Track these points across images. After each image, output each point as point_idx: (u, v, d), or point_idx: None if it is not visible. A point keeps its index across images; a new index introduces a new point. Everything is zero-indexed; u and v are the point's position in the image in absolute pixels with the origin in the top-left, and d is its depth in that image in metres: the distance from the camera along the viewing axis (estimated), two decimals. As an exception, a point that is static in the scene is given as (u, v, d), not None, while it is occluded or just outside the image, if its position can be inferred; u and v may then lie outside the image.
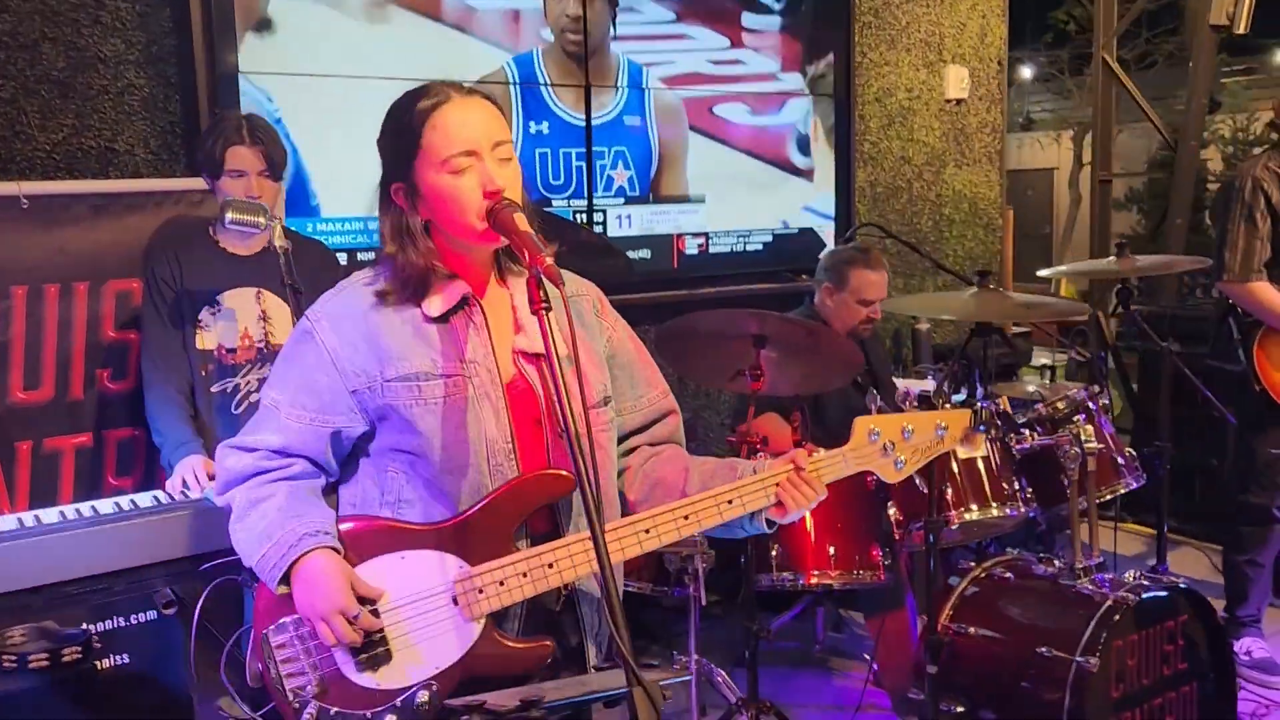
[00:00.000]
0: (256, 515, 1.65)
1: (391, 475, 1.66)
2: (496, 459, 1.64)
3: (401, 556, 1.61)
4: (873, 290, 3.38)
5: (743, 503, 1.66)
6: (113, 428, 2.99)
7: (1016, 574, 2.80)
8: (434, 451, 1.63)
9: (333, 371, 1.65)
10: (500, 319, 1.71)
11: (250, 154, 2.61)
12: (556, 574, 1.60)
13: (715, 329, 2.72)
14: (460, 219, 1.61)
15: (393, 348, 1.64)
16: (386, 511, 1.66)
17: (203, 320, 2.68)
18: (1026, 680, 2.58)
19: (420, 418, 1.63)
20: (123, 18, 3.24)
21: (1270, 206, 3.30)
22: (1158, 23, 13.71)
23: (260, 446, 1.69)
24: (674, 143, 4.26)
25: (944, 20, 5.07)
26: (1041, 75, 15.68)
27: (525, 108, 3.90)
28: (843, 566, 2.86)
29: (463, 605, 1.59)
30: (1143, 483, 3.05)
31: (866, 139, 4.87)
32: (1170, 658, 2.66)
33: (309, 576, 1.58)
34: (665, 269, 4.26)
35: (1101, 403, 2.96)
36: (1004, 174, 5.40)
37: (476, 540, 1.60)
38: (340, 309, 1.68)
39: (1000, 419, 2.82)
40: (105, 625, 2.55)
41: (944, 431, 1.79)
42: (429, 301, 1.66)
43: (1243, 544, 3.52)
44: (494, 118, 1.64)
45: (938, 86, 5.08)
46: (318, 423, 1.66)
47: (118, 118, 3.26)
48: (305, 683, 1.59)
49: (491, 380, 1.66)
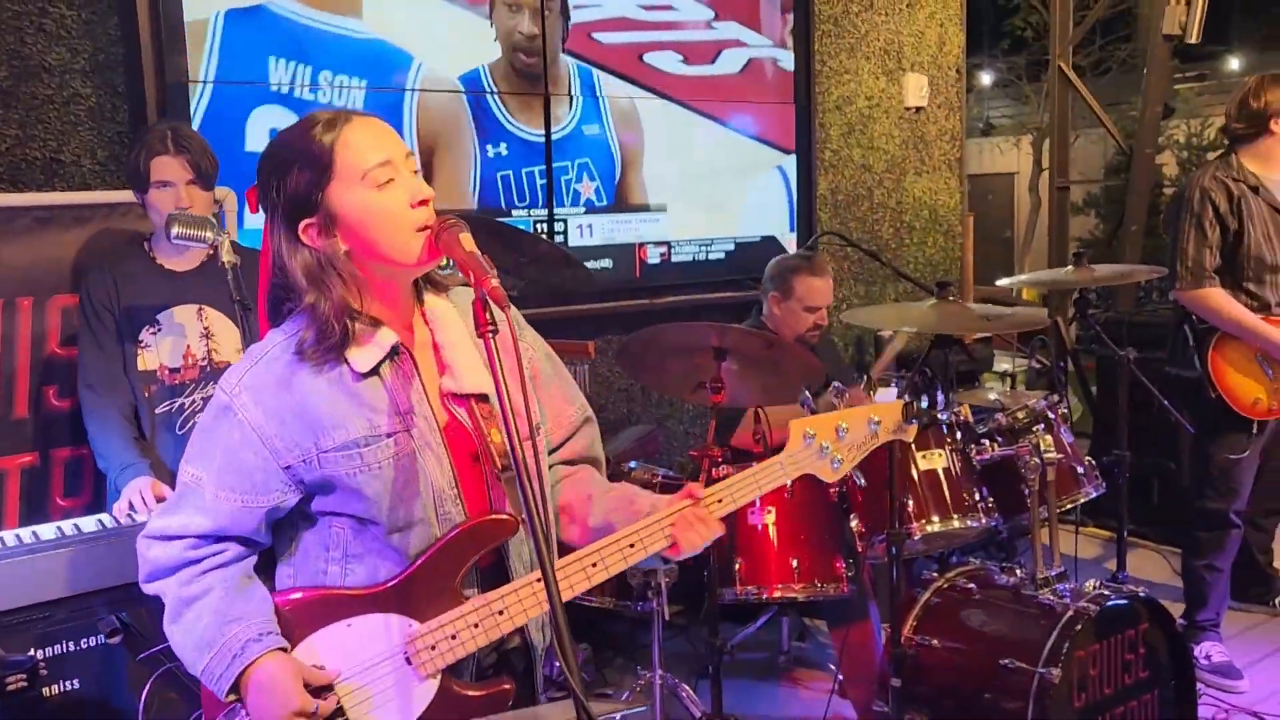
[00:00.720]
0: (192, 616, 1.56)
1: (337, 530, 1.60)
2: (444, 507, 1.59)
3: (348, 624, 1.56)
4: (818, 297, 3.40)
5: (644, 546, 1.62)
6: (59, 446, 2.92)
7: (979, 584, 2.80)
8: (382, 512, 1.56)
9: (261, 449, 1.55)
10: (427, 362, 1.64)
11: (175, 163, 2.53)
12: (508, 620, 1.56)
13: (676, 342, 2.70)
14: (392, 235, 1.54)
15: (325, 415, 1.55)
16: (334, 568, 1.59)
17: (143, 340, 2.61)
18: (990, 692, 2.58)
19: (366, 484, 1.55)
20: (68, 26, 3.16)
21: (1218, 215, 3.33)
22: (1111, 30, 13.91)
23: (185, 533, 1.58)
24: (633, 147, 4.23)
25: (902, 29, 5.09)
26: (1000, 81, 15.84)
27: (480, 128, 3.86)
28: (806, 579, 2.84)
29: (416, 665, 1.55)
30: (1102, 491, 3.06)
31: (827, 147, 4.87)
32: (1131, 666, 2.67)
33: (259, 683, 1.51)
34: (627, 278, 4.24)
35: (1061, 412, 2.97)
36: (964, 181, 5.43)
37: (423, 596, 1.56)
38: (259, 379, 1.57)
39: (961, 429, 2.82)
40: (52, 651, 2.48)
41: (877, 425, 1.79)
42: (355, 356, 1.56)
43: (1201, 549, 3.55)
44: (394, 133, 1.59)
45: (897, 95, 5.10)
46: (249, 504, 1.57)
47: (63, 128, 3.18)
48: None
49: (430, 428, 1.59)
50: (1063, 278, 3.28)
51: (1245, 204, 3.33)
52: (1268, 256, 3.33)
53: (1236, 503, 3.48)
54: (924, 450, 2.73)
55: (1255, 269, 3.34)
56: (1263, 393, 3.34)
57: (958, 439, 2.81)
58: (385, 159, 1.53)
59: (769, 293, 3.45)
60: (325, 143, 1.53)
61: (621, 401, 4.34)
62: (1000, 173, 17.30)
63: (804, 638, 3.90)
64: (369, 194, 1.53)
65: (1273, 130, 3.31)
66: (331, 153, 1.52)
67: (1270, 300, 3.36)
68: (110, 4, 3.21)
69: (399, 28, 3.66)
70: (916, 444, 2.73)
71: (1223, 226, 3.33)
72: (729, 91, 4.47)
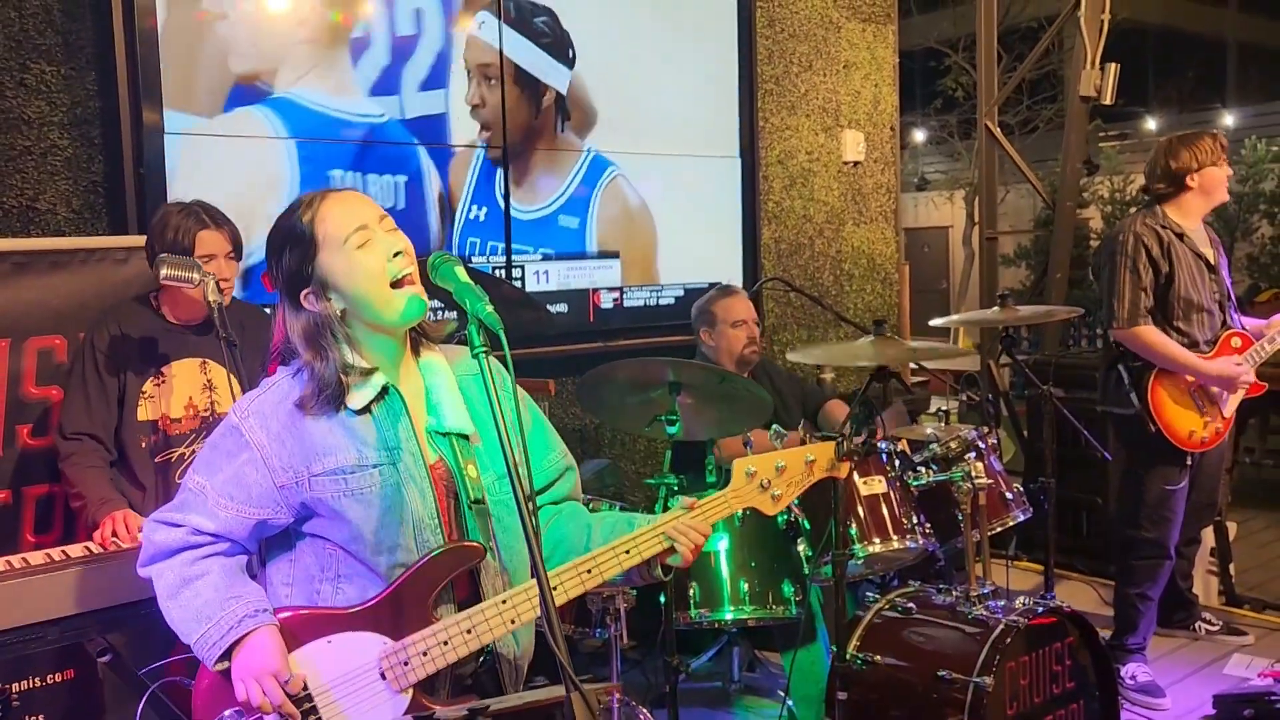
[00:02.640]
0: (190, 594, 1.72)
1: (329, 551, 1.76)
2: (424, 535, 1.75)
3: (329, 641, 1.71)
4: (738, 311, 3.65)
5: (639, 551, 1.78)
6: (32, 484, 2.99)
7: (918, 604, 2.98)
8: (364, 537, 1.72)
9: (261, 467, 1.73)
10: (418, 406, 1.82)
11: (218, 237, 2.69)
12: (475, 638, 1.71)
13: (632, 377, 2.87)
14: (375, 291, 1.73)
15: (318, 443, 1.73)
16: (328, 588, 1.75)
17: (146, 391, 2.70)
18: (930, 702, 2.75)
19: (349, 508, 1.72)
20: (48, 81, 3.29)
21: (1151, 259, 3.54)
22: (1038, 91, 14.59)
23: (188, 524, 1.75)
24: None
25: (839, 89, 5.39)
26: (933, 139, 16.44)
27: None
28: (757, 603, 3.01)
29: (390, 679, 1.69)
30: (1030, 515, 3.27)
31: (770, 198, 5.13)
32: (1059, 677, 2.86)
33: (247, 647, 1.67)
34: (582, 322, 4.42)
35: (990, 442, 3.19)
36: (899, 231, 5.72)
37: (398, 616, 1.71)
38: (267, 406, 1.76)
39: (899, 458, 3.02)
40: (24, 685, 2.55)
41: (812, 462, 1.94)
42: (350, 397, 1.75)
43: (1136, 578, 3.69)
44: (368, 200, 1.80)
45: (835, 150, 5.39)
46: (244, 514, 1.74)
47: (40, 177, 3.30)
48: None
49: (416, 464, 1.77)
50: (990, 316, 3.52)
51: (1174, 249, 3.57)
52: (1194, 297, 3.57)
53: (1172, 532, 3.64)
54: (865, 477, 2.93)
55: (1184, 309, 3.57)
56: (1197, 425, 3.55)
57: (896, 467, 3.01)
58: (360, 224, 1.74)
59: (698, 331, 3.70)
60: (305, 221, 1.74)
61: (575, 441, 4.49)
62: (935, 226, 17.88)
63: (754, 668, 4.03)
64: (351, 254, 1.73)
65: (1189, 185, 3.59)
66: (312, 228, 1.74)
67: (1199, 338, 3.59)
68: (89, 60, 3.35)
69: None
70: (858, 471, 2.93)
71: (1155, 269, 3.54)
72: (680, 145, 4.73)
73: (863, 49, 5.48)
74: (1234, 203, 14.06)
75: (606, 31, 4.43)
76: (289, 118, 3.69)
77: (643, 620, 3.28)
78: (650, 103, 4.59)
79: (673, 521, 1.81)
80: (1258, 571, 5.27)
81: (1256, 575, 5.11)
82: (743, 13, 4.88)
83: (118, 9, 3.31)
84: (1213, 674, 3.82)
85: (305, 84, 3.71)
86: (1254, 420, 7.46)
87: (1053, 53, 13.73)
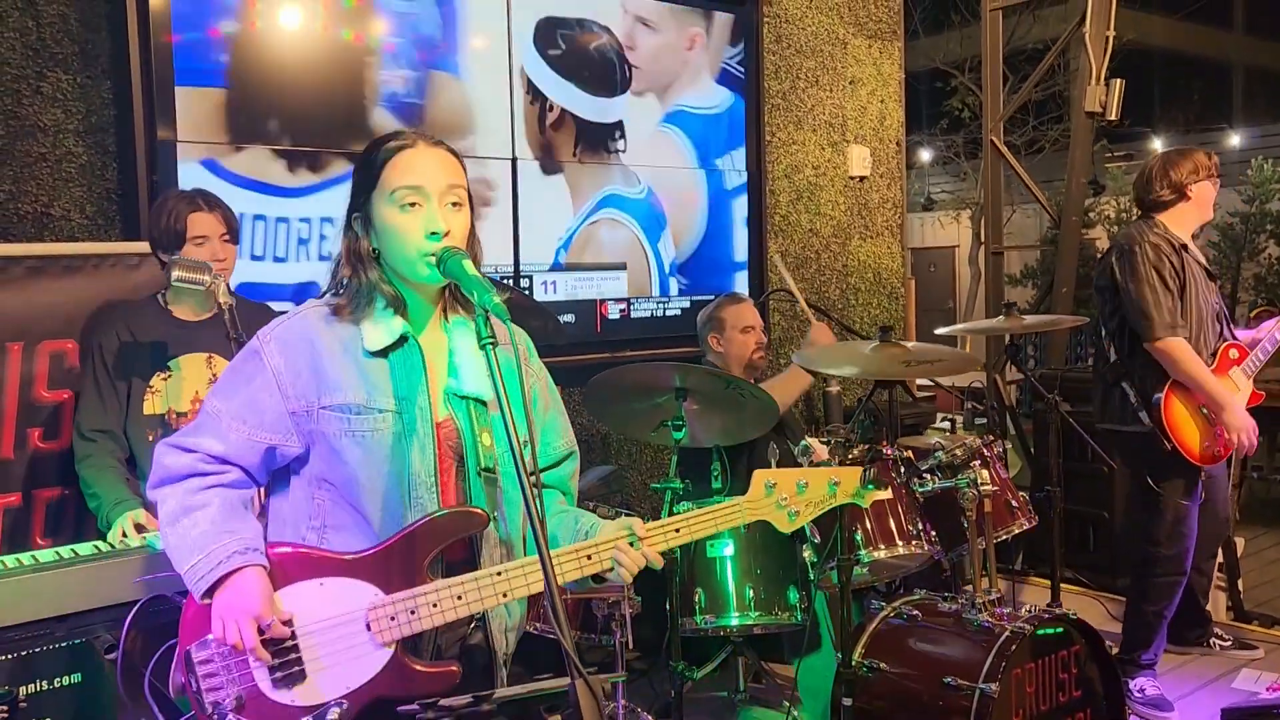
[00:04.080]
0: (189, 523, 1.74)
1: (319, 502, 1.77)
2: (418, 492, 1.75)
3: (321, 583, 1.72)
4: (746, 316, 3.67)
5: (599, 560, 1.78)
6: (43, 487, 3.01)
7: (924, 611, 2.98)
8: (358, 482, 1.73)
9: (276, 393, 1.75)
10: (437, 360, 1.82)
11: (211, 219, 2.72)
12: (465, 605, 1.71)
13: (639, 381, 2.88)
14: (402, 253, 1.75)
15: (331, 377, 1.75)
16: (312, 536, 1.76)
17: (153, 385, 2.74)
18: (935, 709, 2.75)
19: (347, 449, 1.73)
20: (64, 89, 3.34)
21: (1175, 271, 3.51)
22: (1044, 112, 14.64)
23: (199, 449, 1.77)
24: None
25: (846, 104, 5.43)
26: (940, 159, 16.49)
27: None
28: (762, 609, 3.01)
29: (375, 631, 1.70)
30: (1035, 524, 3.27)
31: (777, 212, 5.15)
32: (1065, 685, 2.86)
33: (232, 586, 1.68)
34: (589, 333, 4.44)
35: (996, 450, 3.19)
36: (905, 246, 5.74)
37: (392, 570, 1.72)
38: (289, 334, 1.78)
39: (905, 465, 3.03)
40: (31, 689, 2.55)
41: (836, 487, 1.93)
42: (368, 334, 1.76)
43: (1153, 595, 3.65)
44: (450, 167, 1.78)
45: (842, 164, 5.42)
46: (255, 438, 1.76)
47: (55, 184, 3.34)
48: (224, 697, 1.68)
49: (422, 418, 1.76)
50: (996, 325, 3.53)
51: (1185, 262, 3.56)
52: (1204, 310, 3.56)
53: (1189, 547, 3.61)
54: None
55: (1196, 324, 3.54)
56: (1209, 439, 3.52)
57: (902, 473, 3.01)
58: (417, 184, 1.75)
59: (706, 339, 3.71)
60: (384, 157, 1.76)
61: (582, 451, 4.48)
62: (941, 246, 17.91)
63: (760, 679, 4.02)
64: (392, 211, 1.75)
65: (1188, 195, 3.60)
66: (382, 166, 1.76)
67: (1204, 354, 3.57)
68: (104, 69, 3.39)
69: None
70: (864, 478, 2.93)
71: (1180, 282, 3.52)
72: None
73: (869, 65, 5.52)
74: (1240, 223, 14.08)
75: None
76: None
77: (648, 631, 3.28)
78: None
79: (618, 540, 1.79)
80: (1266, 588, 5.27)
81: (1265, 592, 5.11)
82: (750, 28, 4.93)
83: (133, 19, 3.35)
84: (1221, 688, 3.80)
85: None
86: (1262, 438, 7.45)
87: (1058, 74, 13.79)
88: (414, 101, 3.94)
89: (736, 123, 4.91)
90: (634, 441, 4.65)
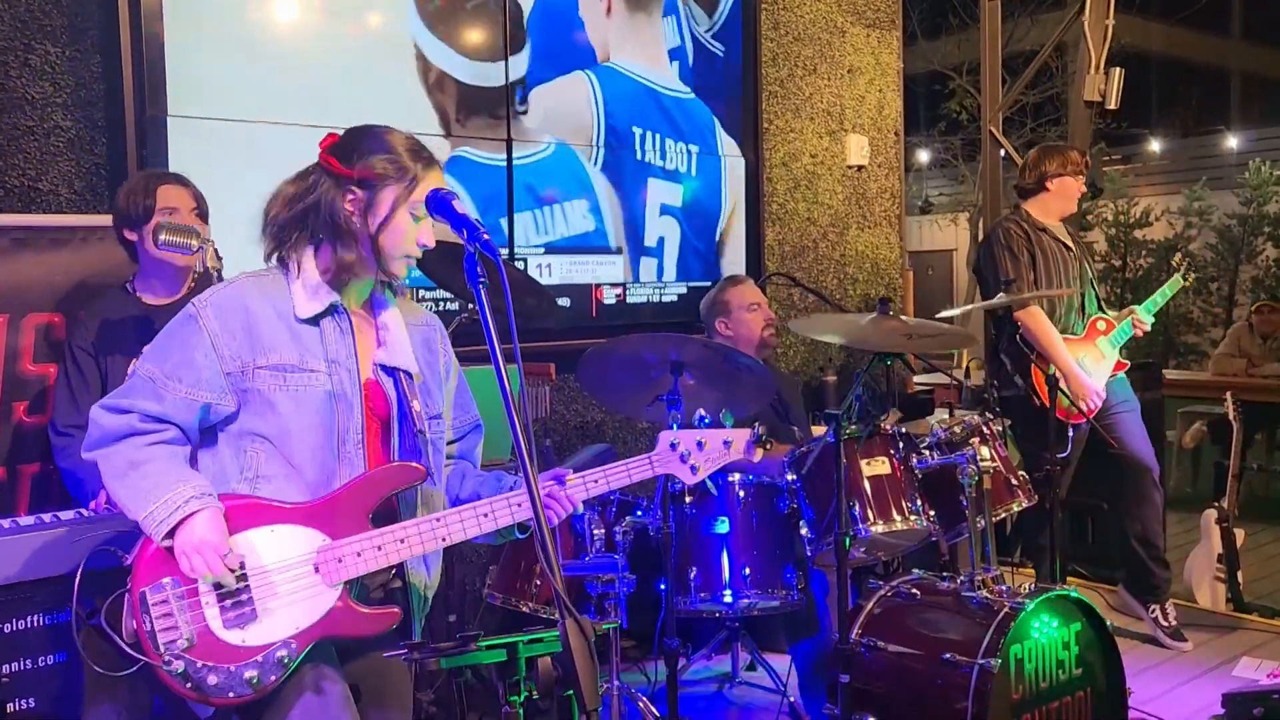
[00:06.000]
0: (138, 476, 1.82)
1: (251, 454, 1.87)
2: (346, 448, 1.88)
3: (272, 529, 1.83)
4: (750, 294, 3.68)
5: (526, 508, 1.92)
6: (27, 462, 2.96)
7: (922, 590, 2.94)
8: (290, 433, 1.85)
9: (211, 353, 1.86)
10: (365, 331, 1.98)
11: (183, 193, 2.69)
12: (407, 548, 1.85)
13: (634, 354, 2.84)
14: (396, 252, 1.91)
15: (265, 338, 1.87)
16: (244, 486, 1.86)
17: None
18: (933, 686, 2.70)
19: (280, 401, 1.85)
20: (52, 62, 3.30)
21: (1025, 245, 3.95)
22: (1042, 114, 14.65)
23: (135, 409, 1.85)
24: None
25: (844, 93, 5.40)
26: (937, 161, 16.50)
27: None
28: (758, 586, 2.97)
29: (324, 573, 1.82)
30: (1034, 502, 3.23)
31: (774, 200, 5.12)
32: (1065, 663, 2.81)
33: (190, 525, 1.78)
34: (584, 318, 4.40)
35: (995, 429, 3.15)
36: (903, 237, 5.71)
37: (338, 518, 1.84)
38: (225, 300, 1.90)
39: (903, 440, 2.99)
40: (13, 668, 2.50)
41: (729, 443, 2.18)
42: (300, 302, 1.90)
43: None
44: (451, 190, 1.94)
45: (840, 153, 5.38)
46: (191, 396, 1.86)
47: (43, 158, 3.29)
48: (176, 637, 1.77)
49: (351, 380, 1.91)
50: (996, 301, 3.53)
51: (1041, 240, 3.95)
52: (1061, 282, 3.92)
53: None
54: (869, 458, 2.89)
55: (1049, 299, 3.90)
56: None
57: (900, 448, 2.97)
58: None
59: (713, 325, 3.67)
60: (417, 166, 1.89)
61: (576, 436, 4.46)
62: (939, 250, 17.91)
63: (755, 668, 3.98)
64: (406, 216, 1.89)
65: (1048, 189, 4.01)
66: (415, 176, 1.89)
67: (1062, 320, 3.93)
68: (94, 42, 3.35)
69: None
70: (863, 452, 2.90)
71: (1030, 255, 3.92)
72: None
73: (867, 54, 5.49)
74: (1238, 225, 14.09)
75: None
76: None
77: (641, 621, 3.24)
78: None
79: (550, 486, 2.00)
80: (1266, 582, 5.30)
81: (1265, 585, 5.13)
82: (748, 14, 4.90)
83: (123, -6, 3.32)
84: (1221, 675, 3.78)
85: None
86: (1260, 435, 7.46)
87: (1055, 75, 13.80)
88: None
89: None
90: (628, 430, 4.60)
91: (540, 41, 4.24)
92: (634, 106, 4.53)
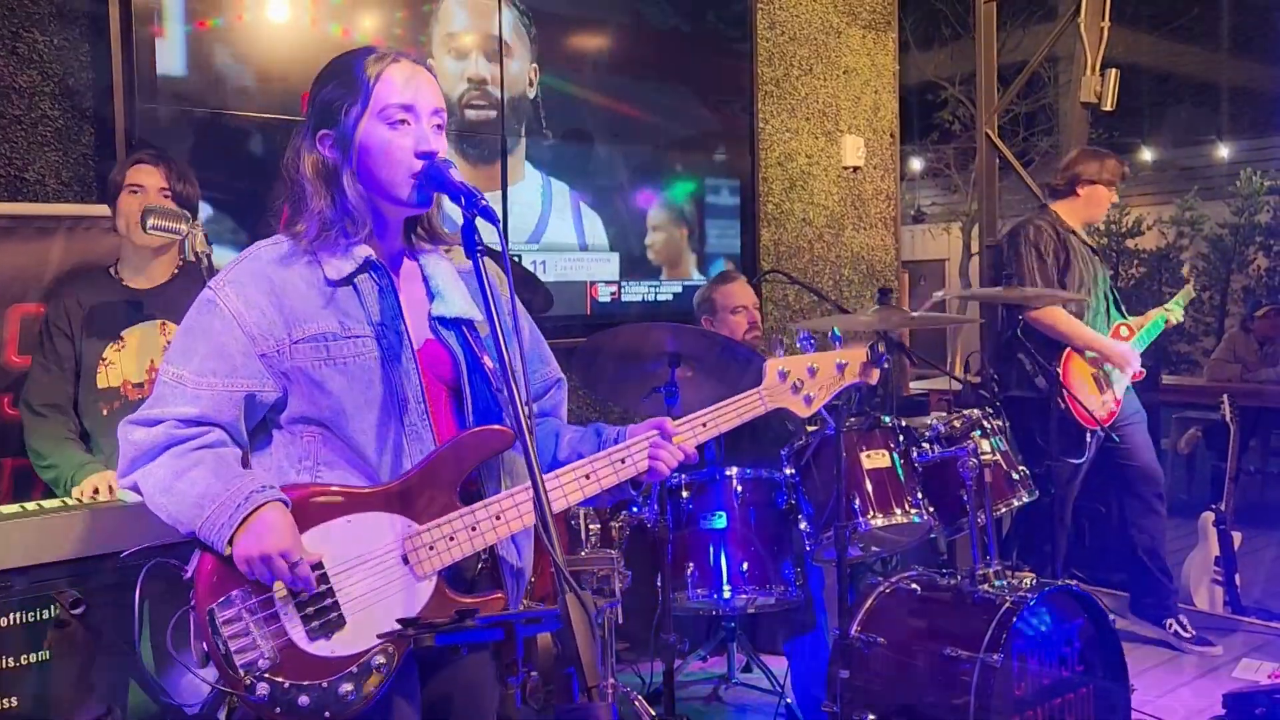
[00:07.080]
0: (186, 484, 1.59)
1: (307, 440, 1.66)
2: (411, 419, 1.65)
3: (348, 520, 1.60)
4: (738, 296, 3.63)
5: (634, 462, 1.72)
6: (11, 455, 2.90)
7: (922, 586, 2.90)
8: (345, 413, 1.63)
9: (240, 336, 1.64)
10: (411, 285, 1.74)
11: (155, 172, 2.63)
12: (504, 525, 1.63)
13: (631, 344, 2.80)
14: (388, 174, 1.65)
15: (298, 309, 1.65)
16: (304, 477, 1.64)
17: (107, 358, 2.65)
18: (935, 682, 2.66)
19: (329, 378, 1.63)
20: (40, 50, 3.25)
21: (1055, 249, 3.91)
22: (1034, 124, 14.68)
23: (168, 417, 1.63)
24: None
25: (840, 94, 5.38)
26: (930, 170, 16.52)
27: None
28: (756, 582, 2.93)
29: (413, 563, 1.60)
30: (1035, 497, 3.19)
31: (769, 200, 5.09)
32: (1067, 659, 2.77)
33: (256, 528, 1.55)
34: (578, 315, 4.35)
35: (996, 423, 3.12)
36: (899, 238, 5.68)
37: (422, 499, 1.61)
38: (243, 275, 1.68)
39: (903, 433, 2.95)
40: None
41: (844, 366, 1.94)
42: (328, 265, 1.67)
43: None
44: (435, 88, 1.71)
45: (835, 154, 5.36)
46: (229, 387, 1.63)
47: (29, 147, 3.24)
48: (256, 657, 1.54)
49: (403, 344, 1.67)
50: (994, 293, 3.51)
51: (1070, 243, 3.88)
52: (1090, 286, 3.86)
53: (1068, 496, 3.97)
54: (869, 450, 2.86)
55: (1083, 293, 3.83)
56: (1096, 404, 3.82)
57: (900, 441, 2.93)
58: (408, 103, 1.66)
59: (700, 321, 3.65)
60: (369, 73, 1.66)
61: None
62: (932, 259, 17.90)
63: (751, 669, 3.93)
64: (382, 129, 1.65)
65: (1078, 194, 3.97)
66: (370, 83, 1.66)
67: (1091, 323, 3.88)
68: (82, 32, 3.31)
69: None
70: (862, 444, 2.86)
71: (1060, 260, 3.83)
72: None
73: (863, 55, 5.48)
74: (1230, 235, 14.12)
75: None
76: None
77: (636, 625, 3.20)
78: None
79: (649, 439, 1.74)
80: (1263, 585, 5.25)
81: (1262, 589, 5.10)
82: (743, 14, 4.88)
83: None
84: (1222, 676, 3.77)
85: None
86: (1255, 441, 7.45)
87: (1048, 85, 13.83)
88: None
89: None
90: (627, 419, 4.56)
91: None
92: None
